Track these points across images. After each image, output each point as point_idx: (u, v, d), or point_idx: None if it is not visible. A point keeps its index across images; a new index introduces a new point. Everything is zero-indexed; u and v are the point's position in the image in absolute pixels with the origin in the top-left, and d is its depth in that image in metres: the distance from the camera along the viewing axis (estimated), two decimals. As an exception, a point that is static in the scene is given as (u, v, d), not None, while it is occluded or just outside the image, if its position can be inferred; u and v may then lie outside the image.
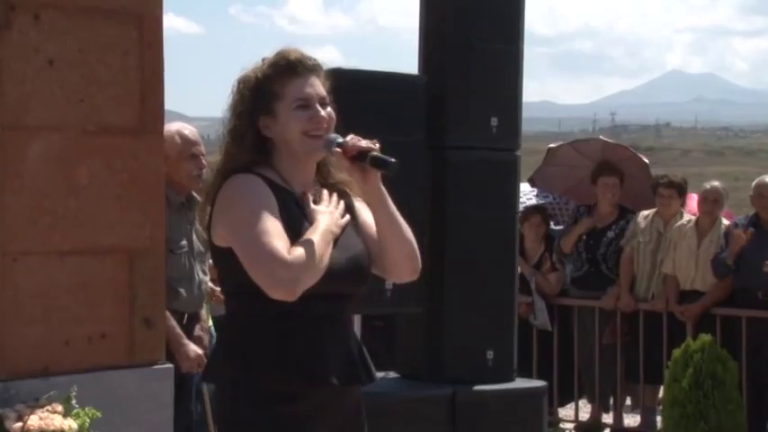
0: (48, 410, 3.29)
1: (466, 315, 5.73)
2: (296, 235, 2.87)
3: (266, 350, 2.90)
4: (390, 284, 5.22)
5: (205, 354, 4.97)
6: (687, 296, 7.85)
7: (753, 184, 7.84)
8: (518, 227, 6.22)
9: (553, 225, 9.12)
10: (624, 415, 8.47)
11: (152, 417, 3.72)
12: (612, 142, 9.50)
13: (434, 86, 5.66)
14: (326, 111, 3.00)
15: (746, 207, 8.46)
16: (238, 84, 3.02)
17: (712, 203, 7.92)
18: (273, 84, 2.98)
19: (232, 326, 3.04)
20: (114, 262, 3.72)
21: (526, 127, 6.33)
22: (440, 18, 5.81)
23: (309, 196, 3.00)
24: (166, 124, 4.08)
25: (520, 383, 5.88)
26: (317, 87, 3.00)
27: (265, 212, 2.85)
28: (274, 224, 2.84)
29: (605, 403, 8.46)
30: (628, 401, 8.71)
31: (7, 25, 3.52)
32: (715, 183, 8.13)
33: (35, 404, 3.33)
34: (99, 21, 3.70)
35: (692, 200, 8.58)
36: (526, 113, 6.09)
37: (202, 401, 5.38)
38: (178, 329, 4.93)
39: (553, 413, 8.24)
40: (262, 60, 3.03)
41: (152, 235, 3.80)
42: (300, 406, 2.91)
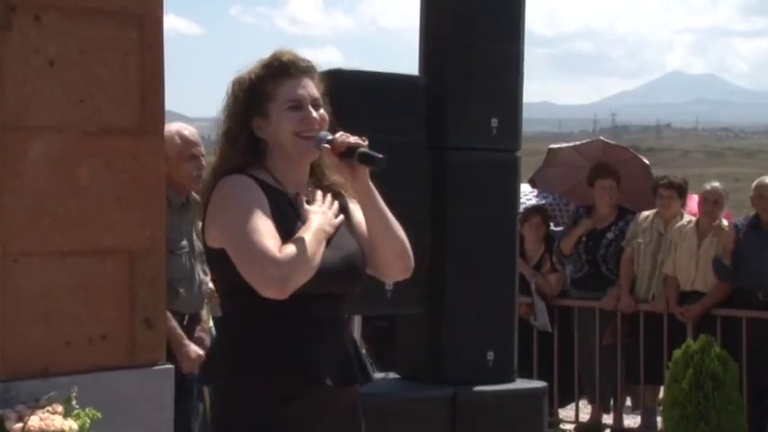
0: (48, 411, 3.28)
1: (466, 316, 5.73)
2: (288, 235, 2.87)
3: (261, 351, 2.91)
4: (391, 285, 5.22)
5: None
6: (687, 297, 7.85)
7: (753, 185, 7.84)
8: (518, 228, 6.22)
9: (553, 226, 9.12)
10: (624, 416, 8.47)
11: (152, 417, 3.71)
12: (613, 143, 9.50)
13: (435, 87, 5.66)
14: (319, 112, 2.99)
15: (747, 208, 8.45)
16: (233, 85, 3.03)
17: (713, 204, 7.92)
18: (266, 85, 2.98)
19: (227, 327, 3.04)
20: (115, 263, 3.72)
21: (526, 128, 6.32)
22: (440, 19, 5.82)
23: (302, 197, 3.01)
24: (166, 125, 4.07)
25: (520, 384, 5.89)
26: (310, 89, 3.00)
27: (256, 212, 2.85)
28: (265, 223, 2.84)
29: (605, 404, 8.46)
30: (628, 402, 8.71)
31: (8, 26, 3.52)
32: (715, 183, 8.13)
33: (35, 405, 3.33)
34: (99, 21, 3.70)
35: (693, 201, 8.58)
36: (526, 114, 6.09)
37: (204, 402, 5.37)
38: (179, 330, 4.93)
39: (553, 414, 8.24)
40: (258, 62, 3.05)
41: (153, 236, 3.79)
42: (295, 407, 2.92)
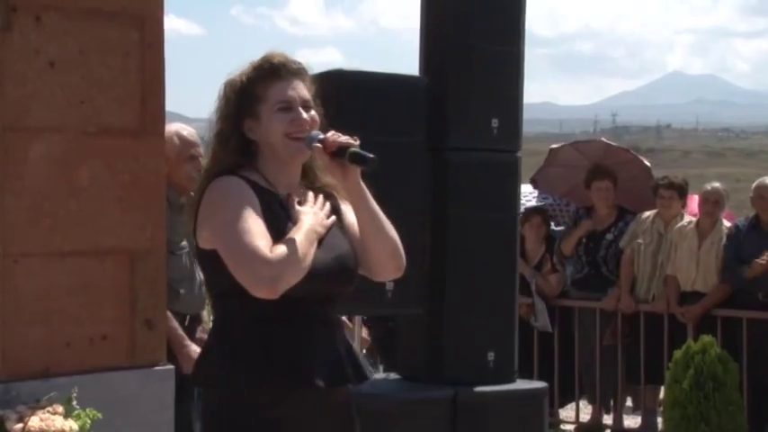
0: (48, 412, 3.28)
1: (467, 316, 5.73)
2: (280, 236, 2.87)
3: (251, 352, 2.90)
4: (391, 286, 5.22)
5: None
6: (688, 297, 7.85)
7: (753, 186, 7.84)
8: (519, 228, 6.22)
9: (554, 226, 9.12)
10: (625, 416, 8.47)
11: (153, 418, 3.71)
12: (614, 145, 9.50)
13: (435, 88, 5.66)
14: (309, 113, 3.00)
15: (747, 208, 8.45)
16: (224, 87, 3.04)
17: (713, 205, 7.92)
18: (257, 87, 2.99)
19: (218, 328, 3.05)
20: (115, 263, 3.72)
21: (527, 128, 6.32)
22: (440, 19, 5.82)
23: (294, 198, 3.01)
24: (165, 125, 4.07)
25: (521, 385, 5.89)
26: (300, 90, 3.00)
27: (247, 213, 2.86)
28: (256, 224, 2.85)
29: (606, 404, 8.46)
30: (629, 402, 8.71)
31: (8, 27, 3.52)
32: (716, 184, 8.13)
33: (36, 405, 3.33)
34: (100, 22, 3.70)
35: (693, 201, 8.58)
36: (527, 115, 6.09)
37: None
38: (180, 331, 4.93)
39: (554, 414, 8.24)
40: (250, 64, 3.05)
41: (153, 236, 3.80)
42: (286, 408, 2.92)
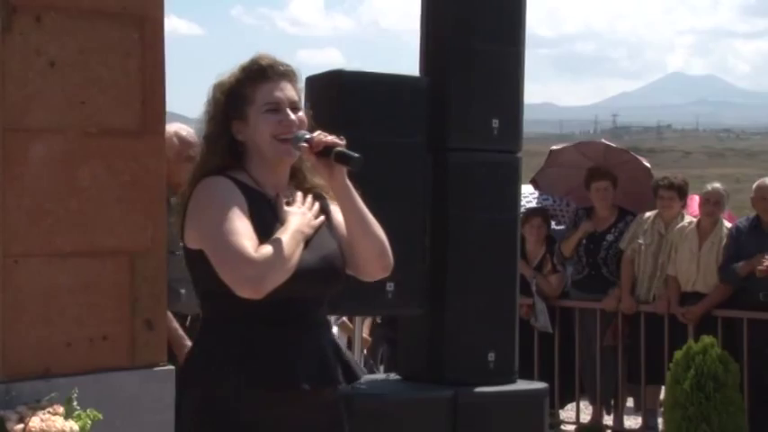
0: (49, 412, 3.28)
1: (467, 317, 5.73)
2: (267, 236, 2.88)
3: (236, 354, 2.90)
4: (392, 286, 5.23)
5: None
6: (688, 298, 7.85)
7: (754, 186, 7.84)
8: (519, 229, 6.22)
9: (554, 225, 9.11)
10: (625, 417, 8.47)
11: (153, 418, 3.71)
12: (615, 146, 9.49)
13: (436, 88, 5.66)
14: (297, 115, 3.01)
15: (748, 209, 8.45)
16: (213, 89, 3.06)
17: (713, 205, 7.91)
18: (245, 88, 3.01)
19: (205, 328, 3.05)
20: (115, 263, 3.72)
21: (527, 129, 6.31)
22: (441, 20, 5.82)
23: (282, 198, 3.01)
24: (165, 125, 4.07)
25: (521, 385, 5.89)
26: (288, 91, 3.01)
27: (233, 213, 2.86)
28: (242, 224, 2.86)
29: (606, 405, 8.46)
30: (629, 403, 8.71)
31: (9, 27, 3.52)
32: (716, 184, 8.13)
33: (36, 406, 3.33)
34: (100, 23, 3.70)
35: (694, 201, 8.58)
36: (527, 115, 6.09)
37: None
38: (180, 331, 4.93)
39: (554, 415, 8.24)
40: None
41: (153, 236, 3.79)
42: (270, 409, 2.92)
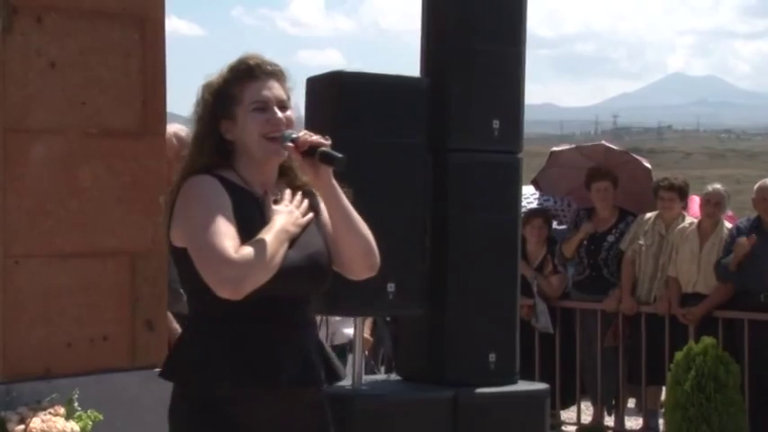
0: (50, 413, 3.29)
1: (468, 317, 5.72)
2: (252, 235, 2.87)
3: (218, 352, 2.91)
4: (392, 286, 5.22)
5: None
6: (689, 299, 7.84)
7: (755, 187, 7.83)
8: (520, 230, 6.22)
9: (556, 225, 9.11)
10: (626, 417, 8.47)
11: (153, 419, 3.71)
12: (615, 148, 9.50)
13: (436, 89, 5.65)
14: (285, 114, 3.01)
15: (748, 210, 8.45)
16: (202, 90, 3.06)
17: (714, 206, 7.91)
18: (233, 88, 3.01)
19: (189, 326, 3.07)
20: (116, 264, 3.72)
21: (528, 129, 6.30)
22: (441, 21, 5.81)
23: (270, 197, 3.01)
24: (164, 126, 4.07)
25: (522, 386, 5.88)
26: (276, 90, 3.01)
27: (217, 212, 2.86)
28: (225, 224, 2.85)
29: (607, 406, 8.46)
30: (630, 404, 8.70)
31: (10, 28, 3.53)
32: (717, 185, 8.12)
33: (37, 406, 3.33)
34: (101, 23, 3.71)
35: (694, 202, 8.57)
36: (528, 116, 6.08)
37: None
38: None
39: (555, 416, 8.23)
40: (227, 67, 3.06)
41: (154, 237, 3.80)
42: (251, 407, 2.92)
